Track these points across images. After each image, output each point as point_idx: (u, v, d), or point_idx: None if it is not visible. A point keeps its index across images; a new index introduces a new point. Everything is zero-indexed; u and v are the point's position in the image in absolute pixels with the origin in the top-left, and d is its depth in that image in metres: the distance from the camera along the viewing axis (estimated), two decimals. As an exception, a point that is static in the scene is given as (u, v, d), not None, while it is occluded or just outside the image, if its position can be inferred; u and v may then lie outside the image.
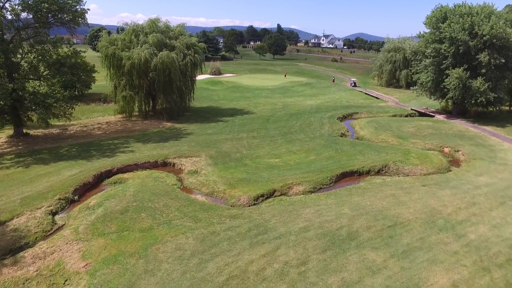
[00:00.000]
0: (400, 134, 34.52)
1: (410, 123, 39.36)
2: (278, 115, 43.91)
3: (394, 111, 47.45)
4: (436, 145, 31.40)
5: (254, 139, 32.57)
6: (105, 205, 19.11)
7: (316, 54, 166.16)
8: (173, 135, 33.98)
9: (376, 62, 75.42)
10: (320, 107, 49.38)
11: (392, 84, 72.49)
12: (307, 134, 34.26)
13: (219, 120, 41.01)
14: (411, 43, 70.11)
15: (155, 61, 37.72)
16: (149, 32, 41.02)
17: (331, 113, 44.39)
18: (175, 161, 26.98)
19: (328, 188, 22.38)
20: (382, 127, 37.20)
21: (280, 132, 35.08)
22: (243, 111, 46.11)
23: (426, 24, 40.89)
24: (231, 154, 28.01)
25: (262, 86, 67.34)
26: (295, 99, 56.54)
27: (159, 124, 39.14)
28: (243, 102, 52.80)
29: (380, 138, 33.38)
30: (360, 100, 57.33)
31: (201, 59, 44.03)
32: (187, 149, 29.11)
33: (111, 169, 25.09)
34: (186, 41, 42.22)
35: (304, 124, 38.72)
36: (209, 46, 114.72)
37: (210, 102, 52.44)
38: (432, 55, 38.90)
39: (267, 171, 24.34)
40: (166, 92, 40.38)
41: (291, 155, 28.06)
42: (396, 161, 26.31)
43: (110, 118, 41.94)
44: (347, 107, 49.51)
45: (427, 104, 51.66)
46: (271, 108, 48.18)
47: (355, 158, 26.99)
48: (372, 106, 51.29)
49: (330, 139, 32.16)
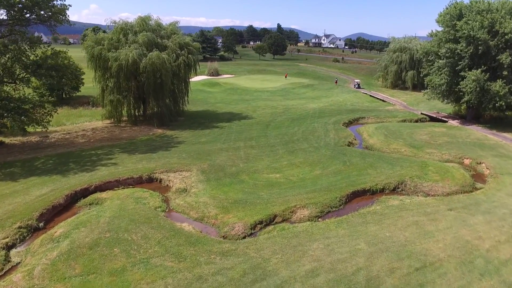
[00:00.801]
0: (413, 142, 31.34)
1: (423, 129, 36.17)
2: (278, 120, 40.71)
3: (403, 115, 44.25)
4: (454, 156, 28.21)
5: (252, 149, 29.37)
6: (72, 236, 15.93)
7: (317, 54, 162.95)
8: (163, 144, 30.79)
9: (381, 63, 72.22)
10: (323, 111, 46.20)
11: (397, 86, 69.32)
12: (311, 143, 31.06)
13: (214, 126, 37.80)
14: (417, 43, 67.13)
15: (144, 62, 34.52)
16: (139, 30, 37.83)
17: (335, 118, 41.20)
18: (162, 177, 23.79)
19: (337, 211, 19.20)
20: (393, 134, 34.01)
21: (281, 140, 31.87)
22: (241, 116, 42.92)
23: (438, 22, 37.69)
24: (226, 167, 24.82)
25: (261, 88, 64.17)
26: (297, 102, 53.34)
27: (149, 131, 35.94)
28: (242, 106, 49.61)
29: (392, 147, 30.19)
30: (366, 103, 54.13)
31: (196, 60, 40.83)
32: (177, 161, 25.93)
33: (88, 186, 21.91)
34: (179, 40, 39.02)
35: (307, 131, 35.51)
36: (207, 46, 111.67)
37: (206, 106, 49.25)
38: (446, 55, 35.66)
39: (267, 190, 21.14)
40: (157, 96, 37.21)
41: (294, 168, 24.86)
42: (413, 176, 23.13)
43: (97, 124, 38.77)
44: (352, 111, 46.31)
45: (437, 107, 48.50)
46: (271, 112, 44.99)
47: (366, 173, 23.79)
48: (379, 110, 48.09)
49: (337, 149, 28.97)
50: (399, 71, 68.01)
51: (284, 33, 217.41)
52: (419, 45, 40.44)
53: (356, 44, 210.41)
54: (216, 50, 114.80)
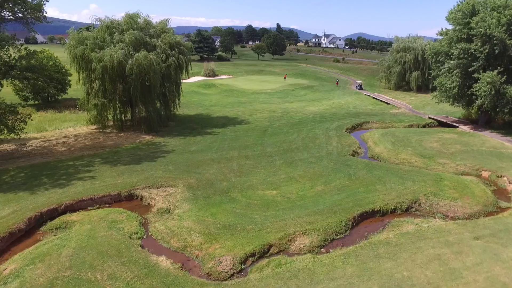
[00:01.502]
0: (424, 151, 28.58)
1: (432, 136, 33.40)
2: (276, 125, 37.92)
3: (409, 119, 41.47)
4: (470, 167, 25.45)
5: (246, 159, 26.59)
6: (24, 276, 13.19)
7: (317, 54, 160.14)
8: (149, 154, 28.00)
9: (384, 63, 69.45)
10: (324, 115, 43.43)
11: (401, 87, 66.58)
12: (311, 152, 28.28)
13: (207, 132, 35.01)
14: (422, 42, 64.44)
15: (131, 63, 31.72)
16: (125, 29, 34.99)
17: (338, 123, 38.42)
18: (144, 194, 21.02)
19: (343, 238, 16.45)
20: (401, 141, 31.26)
21: (279, 149, 29.08)
22: (236, 120, 40.13)
23: (449, 20, 34.90)
24: (216, 183, 22.03)
25: (259, 89, 61.35)
26: (296, 105, 50.56)
27: (136, 138, 33.16)
28: (238, 109, 46.82)
29: (401, 157, 27.42)
30: (369, 106, 51.35)
31: (187, 60, 38.03)
32: (162, 175, 23.15)
33: (58, 207, 19.16)
34: (169, 39, 36.21)
35: (307, 137, 32.72)
36: (205, 46, 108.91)
37: (200, 109, 46.47)
38: (459, 56, 32.84)
39: (261, 211, 18.36)
40: (145, 100, 34.40)
41: (293, 183, 22.07)
42: (428, 193, 20.38)
43: (81, 130, 35.98)
44: (355, 115, 43.54)
45: (445, 110, 45.76)
46: (269, 117, 42.20)
47: (375, 189, 21.02)
48: (384, 114, 45.32)
49: (341, 160, 26.19)
50: (403, 72, 65.29)
51: (283, 32, 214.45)
52: (428, 44, 37.59)
53: (357, 44, 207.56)
54: (214, 50, 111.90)
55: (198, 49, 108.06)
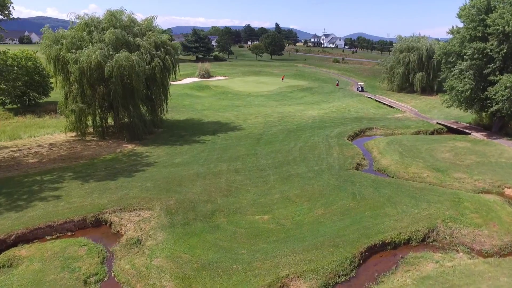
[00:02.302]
0: (436, 163, 25.55)
1: (443, 144, 30.36)
2: (272, 132, 34.83)
3: (416, 125, 38.41)
4: (491, 183, 22.40)
5: (236, 174, 23.49)
6: None
7: (316, 54, 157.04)
8: (127, 167, 24.91)
9: (386, 64, 66.41)
10: (324, 120, 40.36)
11: (404, 89, 63.57)
12: (310, 165, 25.19)
13: (196, 140, 31.92)
14: (426, 42, 61.55)
15: (110, 65, 28.62)
16: (106, 27, 31.89)
17: (339, 129, 35.35)
18: (114, 219, 17.94)
19: (348, 281, 13.40)
20: (409, 151, 28.21)
21: (273, 161, 25.99)
22: (229, 126, 37.03)
23: (461, 17, 31.85)
24: (199, 205, 18.95)
25: (255, 91, 58.27)
26: (294, 109, 47.49)
27: (117, 147, 30.07)
28: (231, 113, 43.73)
29: (411, 171, 24.36)
30: (372, 110, 48.29)
31: (175, 61, 34.91)
32: (138, 194, 20.06)
33: (7, 237, 16.12)
34: (154, 38, 33.10)
35: (305, 147, 29.65)
36: (200, 46, 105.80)
37: (191, 113, 43.36)
38: (473, 57, 29.78)
39: (249, 245, 15.29)
40: (127, 105, 31.29)
41: (288, 205, 19.00)
42: (447, 218, 17.33)
43: (59, 138, 32.89)
44: (357, 120, 40.47)
45: (453, 115, 42.75)
46: (264, 122, 39.10)
47: (384, 213, 17.97)
48: (388, 118, 42.25)
49: (343, 175, 23.11)
50: (406, 73, 62.30)
51: (282, 32, 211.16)
52: (437, 44, 34.64)
53: (357, 44, 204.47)
54: (210, 50, 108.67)
55: (194, 49, 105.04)
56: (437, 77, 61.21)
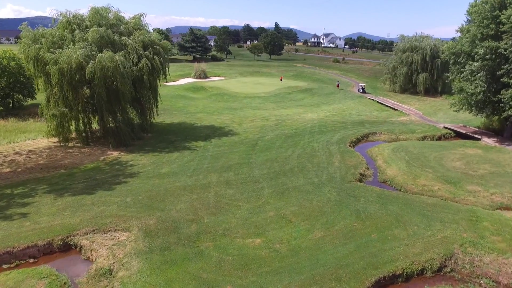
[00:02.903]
0: (446, 173, 23.34)
1: (452, 152, 28.15)
2: (269, 137, 32.59)
3: (422, 129, 36.18)
4: (510, 197, 20.21)
5: (227, 187, 21.26)
6: None
7: (316, 54, 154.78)
8: (108, 178, 22.69)
9: (388, 64, 64.17)
10: (324, 124, 38.12)
11: (407, 90, 61.33)
12: (309, 176, 22.96)
13: (186, 147, 29.69)
14: (430, 41, 59.37)
15: (92, 66, 26.40)
16: (90, 25, 29.68)
17: (340, 134, 33.14)
18: (84, 242, 15.73)
19: (354, 327, 11.17)
20: (416, 159, 26.00)
21: (269, 171, 23.75)
22: (223, 131, 34.80)
23: (471, 14, 29.66)
24: (183, 225, 16.73)
25: (252, 93, 56.02)
26: (293, 111, 45.25)
27: (101, 154, 27.86)
28: (226, 116, 41.50)
29: (420, 183, 22.15)
30: (374, 112, 46.05)
31: (164, 62, 32.67)
32: (115, 212, 17.86)
33: (-45, 267, 13.88)
34: (142, 37, 30.86)
35: (304, 154, 27.42)
36: (197, 46, 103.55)
37: (184, 116, 41.10)
38: (484, 57, 27.58)
39: (236, 277, 13.07)
40: (112, 109, 29.11)
41: (283, 226, 16.78)
42: (465, 242, 15.13)
43: (40, 144, 30.72)
44: (359, 124, 38.24)
45: (460, 118, 40.52)
46: (261, 126, 36.85)
47: (393, 236, 15.75)
48: (392, 122, 40.01)
49: (345, 188, 20.88)
50: (409, 74, 60.06)
51: (282, 32, 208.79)
52: (442, 43, 32.46)
53: (357, 44, 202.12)
54: (207, 49, 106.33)
55: (191, 49, 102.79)
56: (441, 78, 59.24)
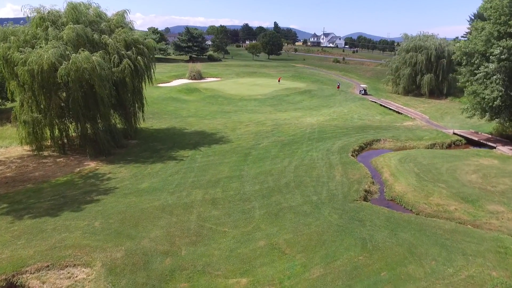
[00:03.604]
0: (462, 189, 20.65)
1: (466, 162, 25.46)
2: (263, 145, 29.87)
3: (429, 136, 33.47)
4: (538, 220, 17.49)
5: (213, 207, 18.54)
6: None
7: (315, 54, 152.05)
8: (79, 195, 19.96)
9: (391, 65, 61.46)
10: (324, 129, 35.40)
11: (411, 92, 58.65)
12: (306, 193, 20.24)
13: (172, 156, 26.99)
14: (435, 41, 56.78)
15: (66, 67, 23.67)
16: (66, 22, 26.97)
17: (341, 142, 30.43)
18: (34, 283, 13.05)
19: None
20: (427, 172, 23.30)
21: (262, 187, 21.02)
22: (214, 138, 32.08)
23: (485, 10, 26.92)
24: (155, 259, 14.00)
25: (248, 95, 53.27)
26: (290, 115, 42.53)
27: (77, 165, 25.13)
28: (219, 121, 38.77)
29: (433, 201, 19.44)
30: (377, 116, 43.32)
31: (149, 63, 29.96)
32: (78, 240, 15.13)
33: None
34: (124, 36, 28.15)
35: (302, 166, 24.69)
36: (194, 45, 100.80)
37: (174, 121, 38.37)
38: (500, 57, 24.87)
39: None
40: (89, 115, 26.43)
41: (275, 260, 14.05)
42: (497, 285, 12.40)
43: (13, 152, 28.03)
44: (362, 129, 35.51)
45: (469, 123, 37.84)
46: (256, 132, 34.12)
47: (407, 274, 13.02)
48: (397, 127, 37.29)
49: (348, 209, 18.17)
50: (413, 75, 57.38)
51: (281, 31, 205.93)
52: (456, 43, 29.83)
53: (357, 43, 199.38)
54: (204, 49, 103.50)
55: (187, 49, 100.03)
56: (446, 79, 56.59)
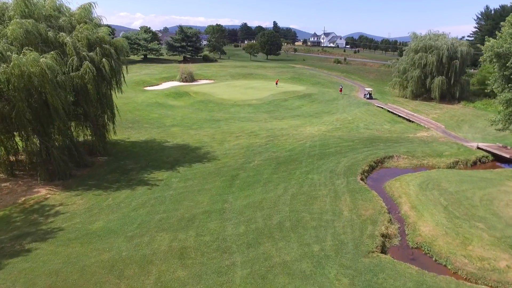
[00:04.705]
0: (509, 232, 15.90)
1: (502, 188, 20.71)
2: (255, 164, 25.08)
3: (450, 151, 28.69)
4: None
5: (180, 264, 13.74)
6: None
7: (315, 54, 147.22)
8: (7, 242, 15.21)
9: (398, 66, 56.61)
10: (326, 142, 30.62)
11: (420, 96, 53.89)
12: (305, 240, 15.46)
13: (144, 179, 22.22)
14: (447, 41, 52.07)
15: (4, 71, 18.90)
16: (14, 15, 22.19)
17: (347, 160, 25.66)
18: None
19: None
20: (457, 204, 18.54)
21: (248, 229, 16.23)
22: (197, 154, 27.32)
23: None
24: None
25: (242, 100, 48.47)
26: (288, 124, 37.73)
27: (25, 192, 20.39)
28: (207, 131, 33.98)
29: (474, 253, 14.68)
30: (386, 125, 38.51)
31: (118, 66, 25.15)
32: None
33: None
34: (87, 34, 23.32)
35: (300, 195, 19.90)
36: (187, 45, 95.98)
37: (156, 131, 33.55)
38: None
39: None
40: (42, 130, 21.61)
41: None
42: None
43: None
44: (370, 142, 30.72)
45: (491, 133, 33.21)
46: (247, 146, 29.34)
47: None
48: (410, 140, 32.47)
49: (362, 269, 13.39)
50: (423, 77, 52.62)
51: (280, 31, 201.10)
52: (487, 42, 24.93)
53: (358, 43, 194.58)
54: (198, 49, 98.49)
55: (180, 49, 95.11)
56: (459, 82, 51.91)
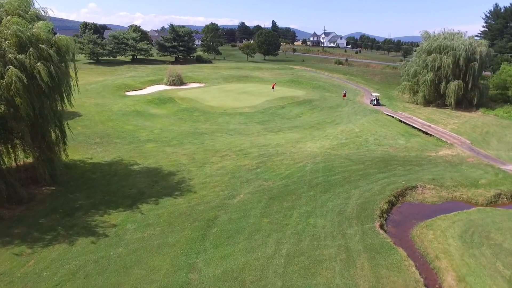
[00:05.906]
0: None
1: None
2: (239, 200, 19.39)
3: (487, 178, 23.02)
4: None
5: None
6: None
7: (315, 54, 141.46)
8: None
9: (408, 69, 50.96)
10: (332, 164, 24.94)
11: (433, 102, 48.22)
12: None
13: (89, 226, 16.52)
14: (465, 40, 46.52)
15: None
16: None
17: (359, 192, 19.99)
18: None
19: None
20: (523, 275, 12.90)
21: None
22: (169, 183, 21.61)
23: None
24: None
25: (234, 107, 42.75)
26: (285, 138, 32.02)
27: None
28: (187, 149, 28.27)
29: None
30: (400, 139, 32.78)
31: (61, 73, 19.39)
32: None
33: None
34: (16, 30, 17.60)
35: (297, 257, 14.22)
36: (179, 45, 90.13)
37: (126, 149, 27.80)
38: None
39: None
40: None
41: None
42: None
43: None
44: (385, 164, 25.03)
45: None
46: (233, 171, 23.65)
47: None
48: (433, 160, 26.74)
49: None
50: (436, 81, 47.00)
51: (279, 31, 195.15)
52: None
53: (360, 43, 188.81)
54: (191, 49, 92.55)
55: (172, 49, 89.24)
56: (477, 87, 46.35)
